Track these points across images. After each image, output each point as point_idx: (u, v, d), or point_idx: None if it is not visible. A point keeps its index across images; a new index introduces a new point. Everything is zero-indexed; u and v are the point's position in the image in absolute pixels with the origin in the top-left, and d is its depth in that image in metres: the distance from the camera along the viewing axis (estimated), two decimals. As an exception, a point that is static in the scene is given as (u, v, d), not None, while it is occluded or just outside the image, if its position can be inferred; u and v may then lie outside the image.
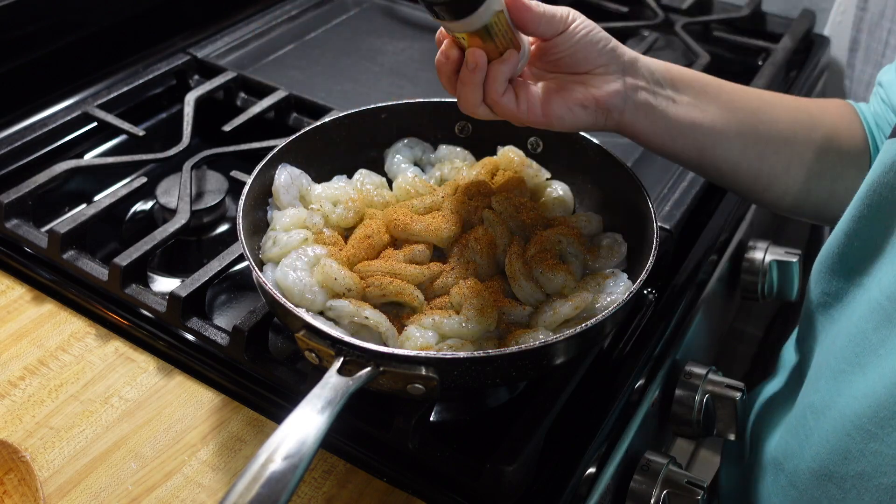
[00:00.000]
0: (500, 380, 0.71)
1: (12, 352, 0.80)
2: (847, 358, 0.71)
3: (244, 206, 0.76)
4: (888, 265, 0.69)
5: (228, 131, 1.04)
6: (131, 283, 0.84)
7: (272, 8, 1.34)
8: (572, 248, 0.79)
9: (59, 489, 0.69)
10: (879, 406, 0.65)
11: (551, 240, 0.78)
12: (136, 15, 1.23)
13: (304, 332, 0.65)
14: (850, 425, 0.68)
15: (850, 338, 0.71)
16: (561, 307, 0.73)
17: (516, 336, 0.71)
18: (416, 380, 0.64)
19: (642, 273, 0.71)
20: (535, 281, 0.76)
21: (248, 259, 0.70)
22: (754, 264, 1.04)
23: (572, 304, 0.73)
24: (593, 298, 0.74)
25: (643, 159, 1.03)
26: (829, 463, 0.70)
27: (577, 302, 0.73)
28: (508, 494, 0.69)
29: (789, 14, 1.43)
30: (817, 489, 0.72)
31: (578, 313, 0.73)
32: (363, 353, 0.63)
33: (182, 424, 0.75)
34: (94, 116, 1.05)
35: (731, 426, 0.84)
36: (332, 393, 0.60)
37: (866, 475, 0.67)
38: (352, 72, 1.19)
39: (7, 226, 0.90)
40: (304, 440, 0.55)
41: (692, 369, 0.85)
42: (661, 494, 0.75)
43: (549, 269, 0.76)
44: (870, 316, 0.69)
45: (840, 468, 0.69)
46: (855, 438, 0.67)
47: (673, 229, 0.92)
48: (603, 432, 0.75)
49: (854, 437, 0.67)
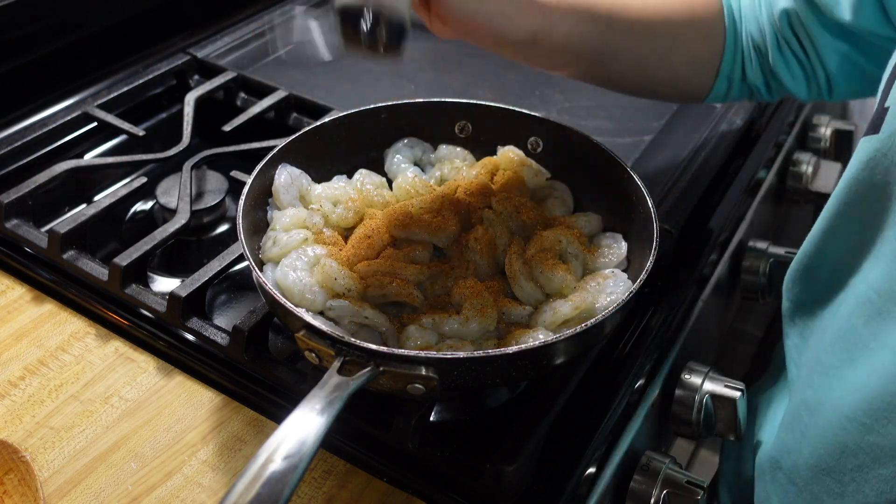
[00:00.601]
0: (500, 380, 0.70)
1: (12, 352, 0.80)
2: (837, 353, 0.71)
3: (244, 206, 0.76)
4: (874, 260, 0.70)
5: (228, 131, 1.04)
6: (131, 283, 0.84)
7: (272, 8, 1.34)
8: (572, 247, 0.79)
9: (59, 489, 0.69)
10: (873, 399, 0.65)
11: (551, 239, 0.78)
12: (136, 15, 1.23)
13: (304, 332, 0.65)
14: (846, 419, 0.68)
15: (840, 333, 0.71)
16: (561, 307, 0.73)
17: (516, 336, 0.71)
18: (416, 380, 0.64)
19: (642, 273, 0.71)
20: (535, 281, 0.76)
21: (248, 259, 0.70)
22: (754, 264, 1.04)
23: (572, 304, 0.73)
24: (593, 298, 0.74)
25: (643, 159, 1.03)
26: (827, 458, 0.70)
27: (577, 302, 0.73)
28: (508, 494, 0.69)
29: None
30: (816, 485, 0.72)
31: (578, 313, 0.73)
32: (363, 353, 0.63)
33: (182, 424, 0.75)
34: (94, 116, 1.05)
35: (731, 426, 0.84)
36: (332, 393, 0.60)
37: (865, 467, 0.67)
38: (352, 72, 1.19)
39: (7, 226, 0.90)
40: (304, 440, 0.55)
41: (692, 369, 0.85)
42: (661, 494, 0.75)
43: (549, 268, 0.76)
44: (859, 311, 0.69)
45: (838, 463, 0.69)
46: (851, 432, 0.68)
47: (673, 229, 0.92)
48: (603, 432, 0.75)
49: (850, 431, 0.68)
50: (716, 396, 0.83)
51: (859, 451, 0.67)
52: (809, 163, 1.22)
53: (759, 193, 1.10)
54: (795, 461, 0.75)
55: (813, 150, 1.26)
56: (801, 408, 0.75)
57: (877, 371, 0.66)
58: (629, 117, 1.12)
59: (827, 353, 0.73)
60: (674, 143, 1.07)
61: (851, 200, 0.72)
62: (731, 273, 1.03)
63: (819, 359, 0.74)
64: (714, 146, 1.06)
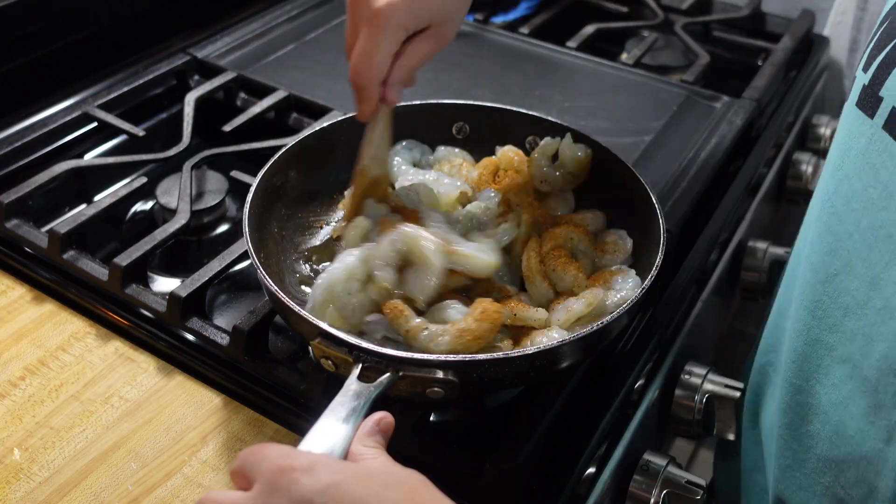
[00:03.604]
0: (518, 381, 0.70)
1: (12, 352, 0.80)
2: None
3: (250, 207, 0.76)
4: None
5: (228, 131, 1.04)
6: (131, 283, 0.84)
7: (272, 8, 1.34)
8: (582, 245, 0.79)
9: (59, 489, 0.69)
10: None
11: (564, 237, 0.78)
12: (136, 15, 1.23)
13: (320, 339, 0.65)
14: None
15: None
16: (574, 305, 0.73)
17: (532, 336, 0.71)
18: (436, 383, 0.63)
19: (651, 269, 0.72)
20: (548, 279, 0.76)
21: (256, 266, 0.70)
22: (754, 264, 1.04)
23: (585, 301, 0.73)
24: (604, 295, 0.74)
25: (643, 159, 1.03)
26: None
27: (590, 298, 0.73)
28: (508, 494, 0.69)
29: (789, 14, 1.43)
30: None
31: (591, 311, 0.73)
32: (382, 358, 0.63)
33: (182, 424, 0.75)
34: (94, 116, 1.05)
35: (730, 426, 0.84)
36: (355, 401, 0.59)
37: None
38: (352, 72, 1.19)
39: (7, 226, 0.90)
40: (332, 450, 0.54)
41: (692, 369, 0.85)
42: (660, 494, 0.75)
43: (561, 266, 0.76)
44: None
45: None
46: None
47: (673, 229, 0.92)
48: (602, 432, 0.75)
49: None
50: (715, 396, 0.83)
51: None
52: (809, 163, 1.22)
53: (758, 193, 1.10)
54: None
55: (813, 150, 1.27)
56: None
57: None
58: (629, 117, 1.12)
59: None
60: (674, 143, 1.07)
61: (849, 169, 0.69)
62: (731, 273, 1.03)
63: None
64: (714, 146, 1.06)
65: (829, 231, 0.67)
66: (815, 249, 0.69)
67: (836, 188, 0.68)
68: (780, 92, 1.26)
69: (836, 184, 0.68)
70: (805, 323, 0.70)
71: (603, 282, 0.76)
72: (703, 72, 1.24)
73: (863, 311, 0.63)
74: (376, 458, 0.54)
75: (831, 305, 0.66)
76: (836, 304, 0.66)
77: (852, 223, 0.64)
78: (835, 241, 0.66)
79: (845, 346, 0.65)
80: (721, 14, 1.46)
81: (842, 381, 0.66)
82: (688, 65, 1.28)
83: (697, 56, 1.28)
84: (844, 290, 0.65)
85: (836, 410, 0.66)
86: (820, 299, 0.68)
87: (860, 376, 0.64)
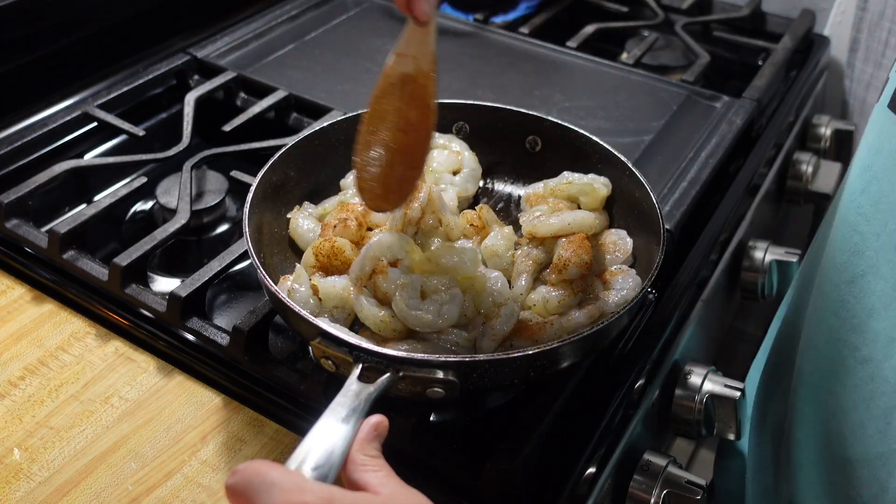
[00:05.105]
0: (518, 380, 0.71)
1: (12, 352, 0.80)
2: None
3: (250, 207, 0.76)
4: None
5: (228, 131, 1.04)
6: (131, 283, 0.84)
7: (272, 8, 1.34)
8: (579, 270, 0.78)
9: (59, 489, 0.69)
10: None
11: (569, 269, 0.77)
12: (136, 15, 1.23)
13: (320, 339, 0.65)
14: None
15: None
16: (575, 315, 0.73)
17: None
18: (436, 383, 0.63)
19: (652, 269, 0.72)
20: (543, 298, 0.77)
21: (257, 267, 0.70)
22: (754, 264, 1.04)
23: (586, 313, 0.73)
24: (604, 304, 0.75)
25: (643, 159, 1.03)
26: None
27: (592, 311, 0.74)
28: (508, 494, 0.69)
29: (789, 14, 1.43)
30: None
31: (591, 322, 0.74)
32: (382, 358, 0.63)
33: (182, 424, 0.75)
34: (94, 116, 1.05)
35: (730, 426, 0.84)
36: (354, 401, 0.59)
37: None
38: (352, 72, 1.19)
39: (7, 226, 0.90)
40: (332, 450, 0.54)
41: (692, 369, 0.85)
42: (661, 494, 0.75)
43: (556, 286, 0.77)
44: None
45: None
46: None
47: (673, 229, 0.92)
48: (602, 432, 0.75)
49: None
50: (716, 396, 0.83)
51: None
52: (809, 163, 1.22)
53: (759, 193, 1.10)
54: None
55: (813, 150, 1.27)
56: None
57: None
58: (629, 117, 1.12)
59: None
60: (674, 143, 1.07)
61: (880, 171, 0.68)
62: (731, 273, 1.03)
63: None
64: (714, 146, 1.06)
65: (856, 231, 0.67)
66: (840, 250, 0.69)
67: (863, 189, 0.67)
68: (781, 92, 1.26)
69: (865, 185, 0.67)
70: (827, 323, 0.69)
71: (603, 282, 0.76)
72: (703, 72, 1.24)
73: (887, 312, 0.63)
74: (378, 470, 0.54)
75: (856, 306, 0.66)
76: (861, 304, 0.66)
77: (880, 224, 0.64)
78: (861, 241, 0.66)
79: (868, 346, 0.65)
80: (721, 14, 1.46)
81: (863, 381, 0.66)
82: (688, 65, 1.28)
83: (697, 56, 1.28)
84: (870, 290, 0.65)
85: (856, 410, 0.66)
86: (845, 299, 0.67)
87: (881, 377, 0.64)
